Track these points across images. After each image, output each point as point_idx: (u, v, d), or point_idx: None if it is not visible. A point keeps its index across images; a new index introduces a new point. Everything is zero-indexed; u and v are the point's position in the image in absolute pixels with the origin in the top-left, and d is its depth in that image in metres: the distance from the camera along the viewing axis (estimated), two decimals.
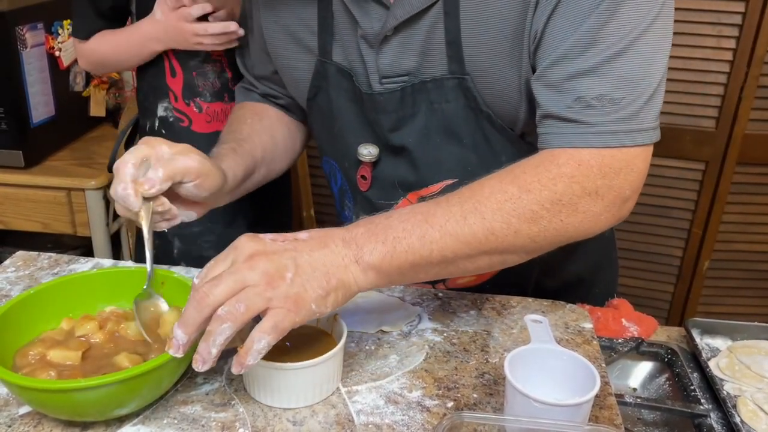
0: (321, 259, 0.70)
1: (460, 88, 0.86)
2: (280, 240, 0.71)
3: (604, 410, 0.75)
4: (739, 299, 2.13)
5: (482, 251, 0.75)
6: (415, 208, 0.76)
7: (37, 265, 1.01)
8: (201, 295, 0.65)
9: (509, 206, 0.74)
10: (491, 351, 0.85)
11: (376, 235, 0.72)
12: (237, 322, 0.65)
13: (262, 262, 0.67)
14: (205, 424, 0.71)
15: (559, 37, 0.76)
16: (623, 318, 0.97)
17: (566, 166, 0.75)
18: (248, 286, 0.65)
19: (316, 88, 0.96)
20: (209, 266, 0.69)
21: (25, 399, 0.68)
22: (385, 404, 0.74)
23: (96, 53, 1.33)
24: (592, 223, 0.76)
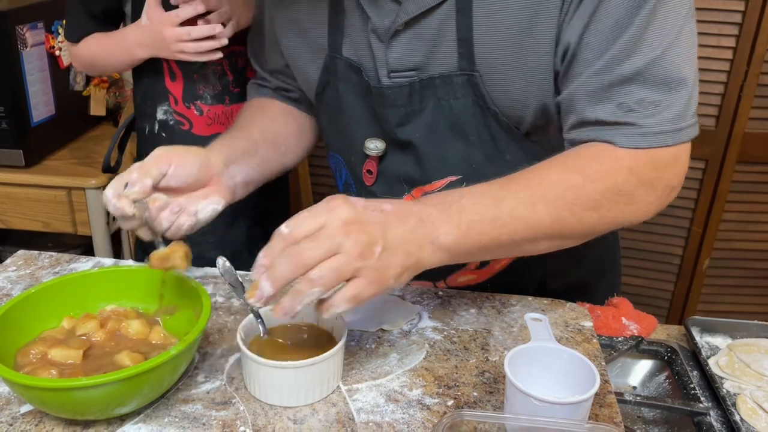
0: (403, 236, 0.71)
1: (468, 85, 0.86)
2: (371, 209, 0.71)
3: (604, 408, 0.75)
4: (739, 298, 2.13)
5: (546, 236, 0.79)
6: (485, 190, 0.77)
7: (38, 264, 1.01)
8: (297, 254, 0.66)
9: (573, 194, 0.78)
10: (491, 349, 0.85)
11: (450, 218, 0.74)
12: (326, 287, 0.67)
13: (357, 231, 0.68)
14: (206, 423, 0.71)
15: (597, 48, 0.78)
16: (623, 316, 0.97)
17: (624, 159, 0.79)
18: (341, 253, 0.67)
19: (324, 83, 0.97)
20: (299, 218, 0.69)
21: (27, 398, 0.68)
22: (385, 403, 0.75)
23: (86, 56, 1.33)
24: (644, 211, 0.81)
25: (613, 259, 1.15)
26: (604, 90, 0.79)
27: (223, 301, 0.93)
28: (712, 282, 2.12)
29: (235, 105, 1.31)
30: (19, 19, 1.68)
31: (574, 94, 0.81)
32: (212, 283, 0.97)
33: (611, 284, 1.14)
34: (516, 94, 0.85)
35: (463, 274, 0.99)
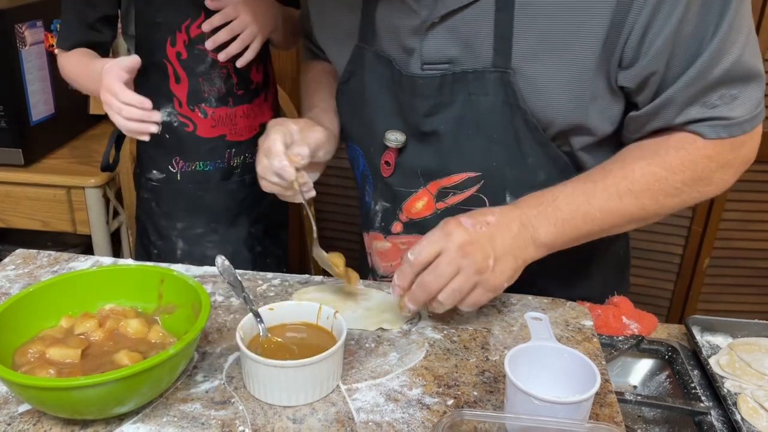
0: (510, 243, 0.82)
1: (500, 83, 0.87)
2: (478, 226, 0.82)
3: (605, 408, 0.74)
4: (739, 297, 2.13)
5: (632, 221, 0.89)
6: (576, 188, 0.86)
7: (37, 263, 1.00)
8: (426, 284, 0.81)
9: (658, 186, 0.86)
10: (491, 349, 0.85)
11: (547, 218, 0.84)
12: (453, 304, 0.82)
13: (472, 252, 0.80)
14: (205, 422, 0.70)
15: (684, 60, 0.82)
16: (623, 315, 0.97)
17: (705, 148, 0.86)
18: (460, 273, 0.80)
19: (349, 73, 0.99)
20: (422, 245, 0.82)
21: (25, 397, 0.68)
22: (385, 402, 0.74)
23: (69, 72, 1.30)
24: (721, 188, 0.90)
25: (624, 271, 1.17)
26: (693, 97, 0.83)
27: (222, 300, 0.93)
28: (713, 281, 2.11)
29: (238, 107, 1.30)
30: (18, 17, 1.67)
31: (662, 106, 0.85)
32: (211, 282, 0.97)
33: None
34: (549, 95, 0.86)
35: None
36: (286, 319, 0.82)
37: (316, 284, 0.98)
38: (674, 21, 0.79)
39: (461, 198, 0.94)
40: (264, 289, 0.96)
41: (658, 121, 0.87)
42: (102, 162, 1.43)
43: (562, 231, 0.85)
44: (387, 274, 1.06)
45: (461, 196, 0.94)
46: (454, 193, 0.95)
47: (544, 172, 0.92)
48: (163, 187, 1.32)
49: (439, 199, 0.96)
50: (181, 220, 1.33)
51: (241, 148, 1.32)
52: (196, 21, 1.22)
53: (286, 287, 0.97)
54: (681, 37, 0.80)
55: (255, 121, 1.33)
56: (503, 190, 0.93)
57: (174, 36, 1.22)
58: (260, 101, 1.34)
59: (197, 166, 1.31)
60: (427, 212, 0.97)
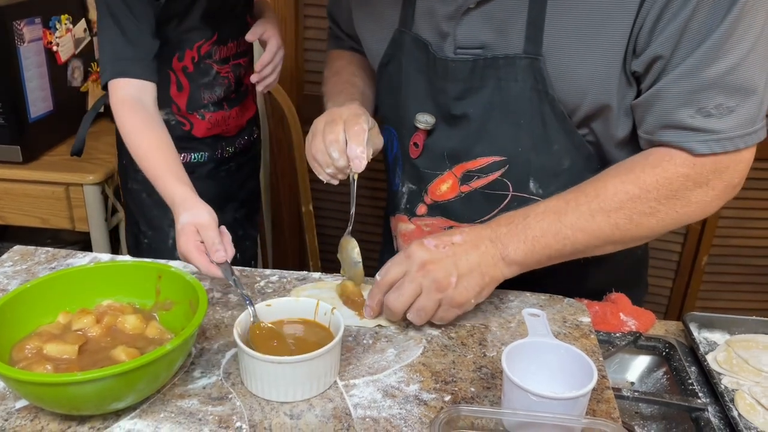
0: (476, 260, 0.84)
1: (530, 69, 0.88)
2: (441, 246, 0.84)
3: (602, 404, 0.74)
4: (737, 294, 2.14)
5: (609, 242, 0.87)
6: (549, 206, 0.86)
7: (35, 260, 1.00)
8: (390, 303, 0.84)
9: (631, 204, 0.85)
10: (489, 345, 0.85)
11: (517, 235, 0.85)
12: (421, 322, 0.85)
13: (432, 270, 0.82)
14: (202, 418, 0.70)
15: (682, 51, 0.81)
16: (621, 312, 0.97)
17: (683, 166, 0.84)
18: (422, 293, 0.83)
19: (389, 56, 1.02)
20: (388, 267, 0.85)
21: (22, 393, 0.68)
22: (382, 398, 0.74)
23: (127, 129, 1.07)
24: (704, 209, 0.87)
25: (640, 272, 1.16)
26: (686, 94, 0.82)
27: (219, 297, 0.93)
28: (711, 279, 2.12)
29: (232, 109, 1.35)
30: (16, 14, 1.67)
31: (656, 96, 0.84)
32: (209, 279, 0.97)
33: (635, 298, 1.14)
34: (577, 81, 0.87)
35: None
36: (284, 315, 0.82)
37: (314, 281, 0.98)
38: (686, 11, 0.79)
39: (485, 182, 0.96)
40: (262, 285, 0.96)
41: (651, 116, 0.86)
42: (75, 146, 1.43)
43: (532, 248, 0.85)
44: None
45: (485, 180, 0.96)
46: (478, 176, 0.96)
47: (568, 159, 0.93)
48: None
49: (464, 182, 0.97)
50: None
51: (230, 140, 1.39)
52: (209, 41, 1.24)
53: (284, 284, 0.97)
54: (689, 27, 0.80)
55: (243, 119, 1.40)
56: (527, 176, 0.94)
57: (183, 52, 1.23)
58: (247, 100, 1.40)
59: (192, 158, 1.34)
60: (452, 194, 0.99)
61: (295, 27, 1.99)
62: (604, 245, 0.88)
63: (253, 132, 1.48)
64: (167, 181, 0.99)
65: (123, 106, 1.08)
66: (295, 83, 2.08)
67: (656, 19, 0.81)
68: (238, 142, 1.41)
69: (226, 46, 1.28)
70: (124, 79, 1.09)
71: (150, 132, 1.05)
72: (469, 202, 0.98)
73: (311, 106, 2.13)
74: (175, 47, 1.22)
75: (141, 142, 1.04)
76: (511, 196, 0.96)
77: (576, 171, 0.93)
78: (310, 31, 2.02)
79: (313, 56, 2.07)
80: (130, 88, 1.09)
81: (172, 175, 0.99)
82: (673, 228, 0.89)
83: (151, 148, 1.03)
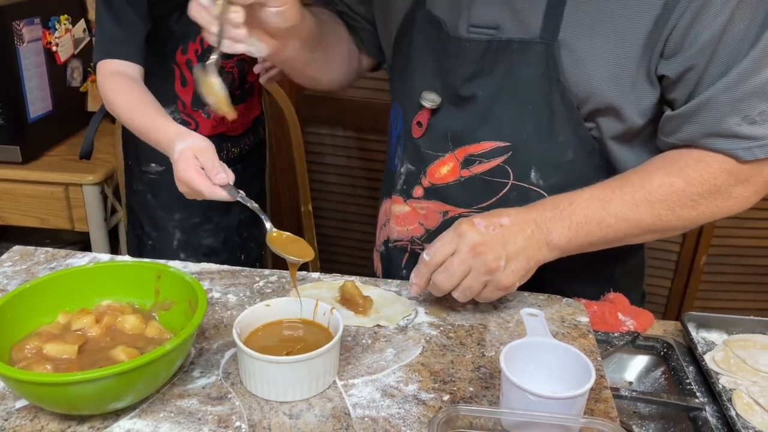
0: (522, 244, 0.85)
1: (544, 55, 0.88)
2: (491, 228, 0.84)
3: (600, 403, 0.75)
4: (735, 294, 2.14)
5: (648, 232, 0.90)
6: (594, 194, 0.88)
7: (34, 260, 1.00)
8: (439, 282, 0.84)
9: (675, 197, 0.87)
10: (487, 345, 0.85)
11: (562, 221, 0.86)
12: (466, 300, 0.86)
13: (483, 252, 0.82)
14: (202, 418, 0.71)
15: (725, 62, 0.83)
16: (619, 312, 0.97)
17: (726, 162, 0.87)
18: (471, 273, 0.83)
19: (403, 32, 1.01)
20: (437, 246, 0.85)
21: (22, 392, 0.68)
22: (381, 398, 0.75)
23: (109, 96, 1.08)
24: (741, 205, 0.90)
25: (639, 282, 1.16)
26: (733, 103, 0.84)
27: (219, 297, 0.93)
28: (709, 278, 2.12)
29: (238, 106, 1.34)
30: (16, 14, 1.67)
31: (703, 106, 0.85)
32: (208, 279, 0.97)
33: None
34: (591, 72, 0.87)
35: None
36: (283, 315, 0.82)
37: (313, 281, 0.98)
38: (723, 18, 0.80)
39: (487, 167, 0.96)
40: (261, 285, 0.96)
41: (695, 125, 0.87)
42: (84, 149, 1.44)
43: (576, 235, 0.87)
44: (401, 238, 1.07)
45: (487, 165, 0.96)
46: (480, 161, 0.96)
47: (572, 152, 0.93)
48: (162, 178, 1.32)
49: (465, 167, 0.97)
50: (178, 210, 1.34)
51: (236, 140, 1.37)
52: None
53: (283, 284, 0.97)
54: (726, 36, 0.81)
55: (248, 117, 1.39)
56: (529, 164, 0.94)
57: (186, 45, 1.23)
58: (252, 98, 1.39)
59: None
60: (451, 178, 0.99)
61: None
62: (643, 234, 0.90)
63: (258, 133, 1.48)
64: (158, 123, 0.98)
65: (108, 77, 1.09)
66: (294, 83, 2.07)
67: (689, 25, 0.82)
68: (243, 142, 1.41)
69: None
70: (113, 60, 1.10)
71: (134, 92, 1.06)
72: (468, 188, 0.98)
73: (311, 106, 2.13)
74: (179, 40, 1.22)
75: (126, 100, 1.05)
76: (510, 184, 0.96)
77: (578, 165, 0.94)
78: None
79: None
80: (117, 66, 1.10)
81: (162, 117, 0.99)
82: (709, 221, 0.92)
83: (137, 102, 1.04)
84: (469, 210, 0.98)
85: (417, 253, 1.05)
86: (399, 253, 1.08)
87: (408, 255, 1.07)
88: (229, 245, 1.41)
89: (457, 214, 0.99)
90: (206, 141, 0.89)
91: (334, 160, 2.25)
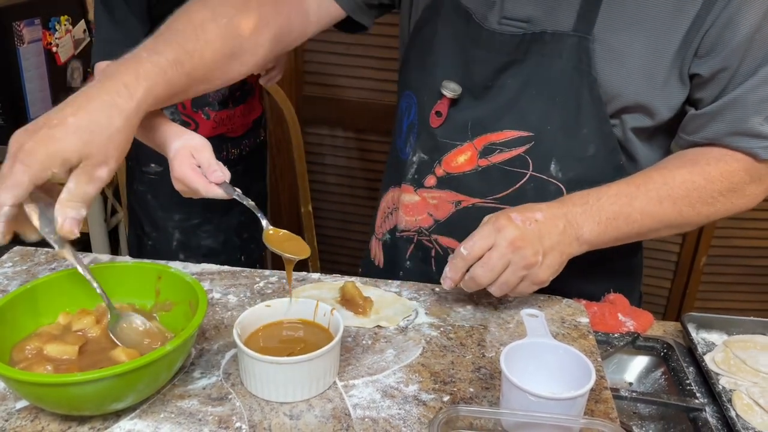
0: (557, 239, 0.85)
1: (577, 48, 0.89)
2: (528, 223, 0.84)
3: (600, 404, 0.75)
4: (735, 295, 2.14)
5: (669, 226, 0.93)
6: (620, 190, 0.90)
7: (35, 260, 1.01)
8: (477, 277, 0.84)
9: (696, 194, 0.90)
10: (488, 345, 0.85)
11: (592, 216, 0.88)
12: (501, 294, 0.86)
13: (522, 247, 0.83)
14: (202, 419, 0.71)
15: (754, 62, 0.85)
16: (619, 313, 0.97)
17: (743, 161, 0.91)
18: (509, 267, 0.83)
19: (424, 21, 1.01)
20: (474, 240, 0.84)
21: (22, 393, 0.68)
22: (381, 398, 0.75)
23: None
24: (752, 202, 0.95)
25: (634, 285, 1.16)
26: (759, 102, 0.86)
27: (219, 298, 0.93)
28: (709, 279, 2.12)
29: (237, 108, 1.34)
30: (16, 15, 1.67)
31: (731, 105, 0.88)
32: (209, 280, 0.97)
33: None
34: (624, 68, 0.88)
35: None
36: (283, 316, 0.82)
37: (313, 282, 0.99)
38: (756, 19, 0.82)
39: (506, 157, 0.96)
40: (261, 286, 0.97)
41: (721, 124, 0.89)
42: None
43: (605, 230, 0.88)
44: (408, 228, 1.07)
45: (507, 154, 0.96)
46: (500, 150, 0.96)
47: (594, 146, 0.94)
48: (162, 179, 1.33)
49: (483, 156, 0.97)
50: (178, 211, 1.34)
51: (236, 141, 1.37)
52: None
53: (283, 285, 0.97)
54: (759, 36, 0.83)
55: (248, 119, 1.38)
56: (550, 156, 0.95)
57: None
58: (252, 99, 1.38)
59: None
60: (468, 167, 0.98)
61: None
62: (664, 229, 0.93)
63: (259, 134, 1.48)
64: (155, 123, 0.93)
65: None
66: (294, 84, 2.08)
67: (725, 24, 0.83)
68: (243, 144, 1.40)
69: None
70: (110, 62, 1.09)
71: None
72: (485, 177, 0.98)
73: (311, 106, 2.14)
74: None
75: None
76: (529, 175, 0.96)
77: (598, 161, 0.95)
78: None
79: (313, 57, 2.07)
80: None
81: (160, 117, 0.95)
82: (724, 217, 0.96)
83: None
84: (484, 200, 0.98)
85: (423, 244, 1.05)
86: (405, 243, 1.08)
87: (413, 246, 1.07)
88: (228, 246, 1.41)
89: (470, 204, 0.99)
90: (202, 139, 0.88)
91: (333, 161, 2.25)
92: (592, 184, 0.92)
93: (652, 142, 0.97)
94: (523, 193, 0.96)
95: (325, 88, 2.12)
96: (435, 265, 1.05)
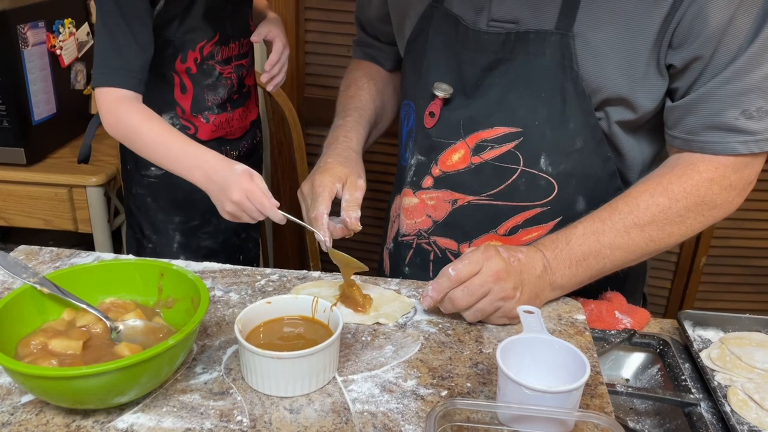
0: (533, 281, 0.89)
1: (559, 44, 0.91)
2: (512, 259, 0.88)
3: (595, 399, 0.76)
4: (735, 295, 2.14)
5: (642, 254, 0.93)
6: (587, 228, 0.91)
7: (39, 259, 1.02)
8: (455, 299, 0.86)
9: (662, 216, 0.90)
10: (485, 342, 0.86)
11: (563, 261, 0.90)
12: (473, 320, 0.88)
13: (504, 279, 0.86)
14: (204, 412, 0.72)
15: (726, 57, 0.85)
16: (616, 310, 0.98)
17: (706, 171, 0.91)
18: (488, 296, 0.86)
19: (418, 31, 1.05)
20: (463, 263, 0.86)
21: (28, 387, 0.69)
22: (380, 393, 0.76)
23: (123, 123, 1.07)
24: (727, 210, 0.94)
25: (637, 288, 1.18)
26: (733, 96, 0.86)
27: (221, 295, 0.94)
28: (709, 279, 2.12)
29: (235, 111, 1.36)
30: (20, 18, 1.69)
31: (704, 97, 0.88)
32: (210, 278, 0.98)
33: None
34: (604, 62, 0.90)
35: (488, 239, 1.03)
36: (284, 312, 0.83)
37: (314, 280, 1.00)
38: (729, 10, 0.83)
39: (498, 153, 0.98)
40: (263, 284, 0.98)
41: (696, 117, 0.90)
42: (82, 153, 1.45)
43: (576, 272, 0.91)
44: (409, 233, 1.09)
45: (498, 150, 0.98)
46: (491, 147, 0.98)
47: (581, 140, 0.96)
48: (161, 182, 1.34)
49: (476, 153, 1.00)
50: (178, 213, 1.35)
51: (235, 143, 1.39)
52: (211, 41, 1.25)
53: (284, 282, 0.98)
54: (731, 28, 0.84)
55: (246, 121, 1.40)
56: (539, 150, 0.97)
57: (186, 54, 1.25)
58: (250, 102, 1.40)
59: None
60: (462, 165, 1.01)
61: (295, 30, 2.01)
62: (639, 258, 0.93)
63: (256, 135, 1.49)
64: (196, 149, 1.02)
65: (121, 104, 1.09)
66: (295, 86, 2.09)
67: (695, 15, 0.84)
68: (241, 145, 1.42)
69: (228, 47, 1.29)
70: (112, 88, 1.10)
71: (157, 120, 1.07)
72: (478, 174, 1.00)
73: (312, 108, 2.15)
74: (178, 49, 1.24)
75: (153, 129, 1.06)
76: (520, 171, 0.98)
77: (587, 153, 0.96)
78: (311, 35, 2.03)
79: (314, 59, 2.09)
80: (119, 93, 1.10)
81: (196, 146, 1.03)
82: (701, 230, 0.94)
83: (165, 131, 1.06)
84: (478, 197, 1.00)
85: (422, 248, 1.07)
86: (405, 248, 1.10)
87: (412, 251, 1.09)
88: (227, 247, 1.42)
89: (466, 202, 1.01)
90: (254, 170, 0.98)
91: None
92: (582, 177, 0.95)
93: (637, 136, 0.99)
94: (515, 188, 0.98)
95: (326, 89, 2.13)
96: (433, 270, 1.07)
